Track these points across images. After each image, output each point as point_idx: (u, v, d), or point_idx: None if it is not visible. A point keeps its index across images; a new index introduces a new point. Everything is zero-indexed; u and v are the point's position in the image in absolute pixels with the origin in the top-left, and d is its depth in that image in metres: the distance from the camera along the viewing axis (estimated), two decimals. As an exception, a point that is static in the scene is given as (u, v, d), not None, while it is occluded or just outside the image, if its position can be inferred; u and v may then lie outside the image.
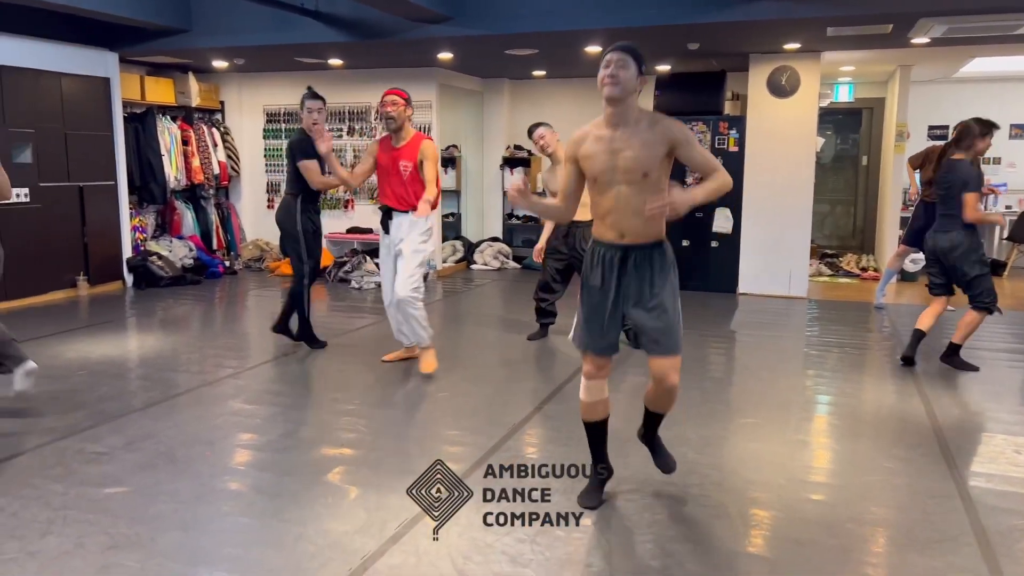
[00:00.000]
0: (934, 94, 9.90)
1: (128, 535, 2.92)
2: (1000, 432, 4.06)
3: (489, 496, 3.05)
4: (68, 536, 2.90)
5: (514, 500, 3.05)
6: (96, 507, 3.14)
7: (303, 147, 5.26)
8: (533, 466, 3.57)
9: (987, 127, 5.06)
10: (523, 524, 2.96)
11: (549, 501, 3.09)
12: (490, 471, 3.21)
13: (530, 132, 5.83)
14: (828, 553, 2.81)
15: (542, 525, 2.97)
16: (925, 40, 6.68)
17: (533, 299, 6.11)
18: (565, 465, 3.57)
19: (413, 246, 4.85)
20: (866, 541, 2.90)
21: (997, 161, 9.97)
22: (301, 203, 5.39)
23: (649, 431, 3.27)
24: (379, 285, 8.32)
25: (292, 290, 5.56)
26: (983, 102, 9.96)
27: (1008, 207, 9.71)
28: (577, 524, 3.00)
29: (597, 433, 3.18)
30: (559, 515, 3.03)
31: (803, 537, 2.93)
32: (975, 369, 5.12)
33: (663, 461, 3.29)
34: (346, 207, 9.57)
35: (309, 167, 5.26)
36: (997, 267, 9.31)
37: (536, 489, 3.09)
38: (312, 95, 5.35)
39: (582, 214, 5.25)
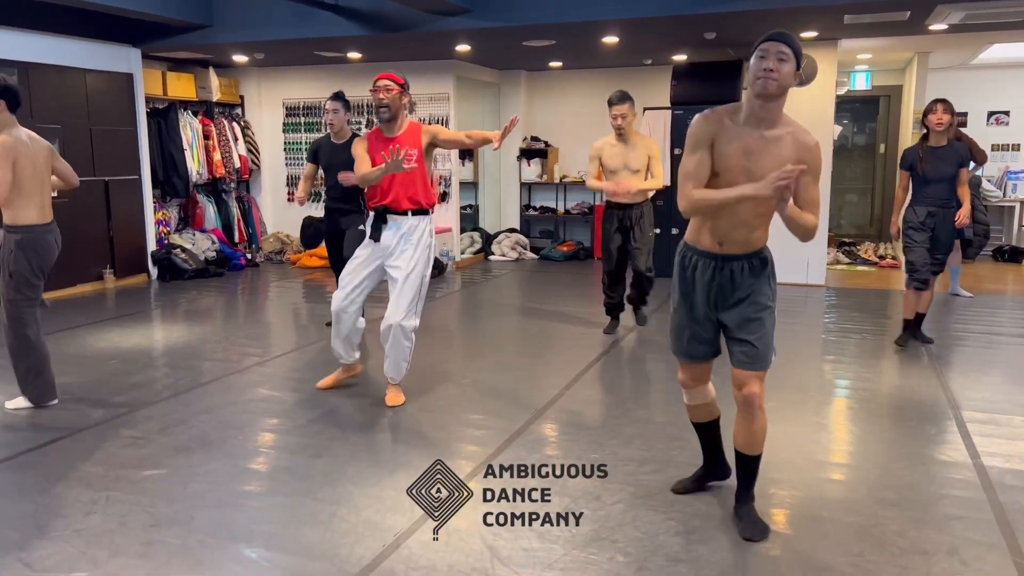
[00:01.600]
0: (953, 81, 9.85)
1: (168, 513, 3.02)
2: (1019, 413, 4.09)
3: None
4: (111, 515, 3.01)
5: (540, 480, 3.12)
6: (136, 488, 3.25)
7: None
8: (556, 447, 3.67)
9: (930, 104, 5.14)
10: (550, 503, 3.04)
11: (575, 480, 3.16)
12: (515, 453, 3.27)
13: (612, 102, 5.34)
14: (846, 529, 2.87)
15: (569, 504, 3.06)
16: (943, 27, 6.68)
17: (604, 303, 5.88)
18: (589, 446, 3.68)
19: (414, 263, 4.11)
20: (884, 518, 2.95)
21: (1016, 148, 9.94)
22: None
23: (741, 488, 2.90)
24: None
25: None
26: (1001, 89, 9.94)
27: (1027, 193, 9.68)
28: (601, 503, 3.07)
29: (704, 434, 3.10)
30: (584, 494, 3.13)
31: (822, 515, 2.99)
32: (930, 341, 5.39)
33: (748, 526, 2.84)
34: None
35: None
36: (1016, 254, 9.32)
37: (560, 469, 3.16)
38: (332, 96, 5.53)
39: (632, 196, 5.35)
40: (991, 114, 10.00)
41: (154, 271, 8.34)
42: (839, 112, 10.59)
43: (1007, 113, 9.98)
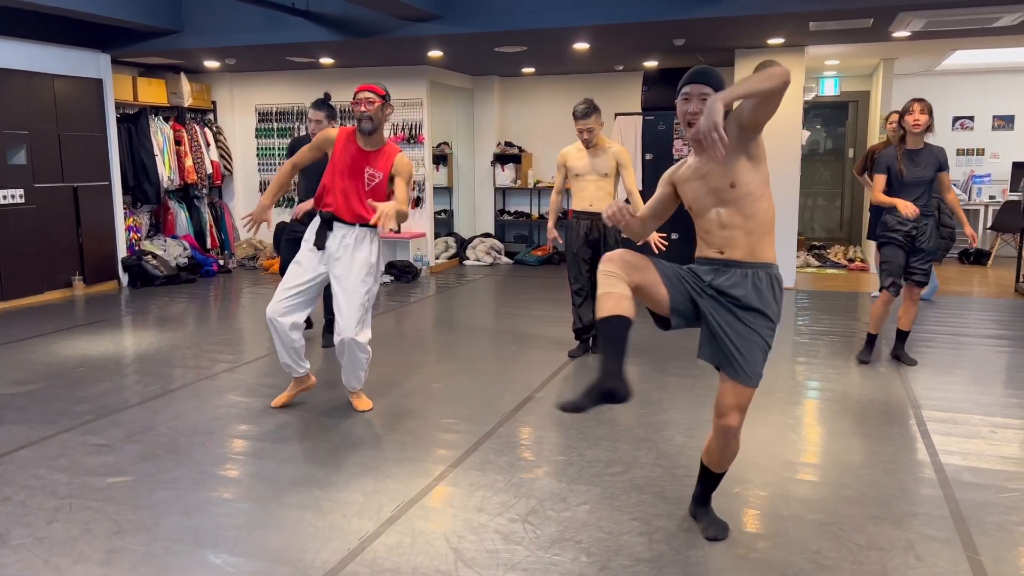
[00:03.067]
0: (917, 87, 10.03)
1: (132, 520, 3.01)
2: (977, 413, 4.19)
3: (482, 480, 3.13)
4: (74, 523, 2.99)
5: (507, 483, 3.14)
6: (100, 495, 3.23)
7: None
8: (525, 450, 3.70)
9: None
10: (516, 505, 3.07)
11: (541, 483, 3.19)
12: (484, 456, 3.30)
13: (576, 116, 5.17)
14: (807, 527, 2.92)
15: (534, 506, 3.09)
16: (906, 33, 6.81)
17: (574, 327, 5.48)
18: (556, 449, 3.71)
19: (359, 276, 4.00)
20: (844, 516, 3.01)
21: (980, 152, 10.15)
22: None
23: (702, 495, 2.93)
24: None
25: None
26: (966, 94, 10.15)
27: (991, 197, 9.87)
28: (567, 505, 3.10)
29: (610, 333, 2.44)
30: (550, 496, 3.16)
31: (783, 513, 3.04)
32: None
33: (709, 526, 2.88)
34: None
35: None
36: (981, 256, 9.50)
37: (528, 472, 3.18)
38: (315, 104, 5.44)
39: (601, 205, 5.23)
40: (956, 119, 10.20)
41: (124, 278, 8.27)
42: (810, 117, 10.78)
43: (971, 118, 10.19)
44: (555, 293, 7.82)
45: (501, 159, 10.38)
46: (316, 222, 4.12)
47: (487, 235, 10.34)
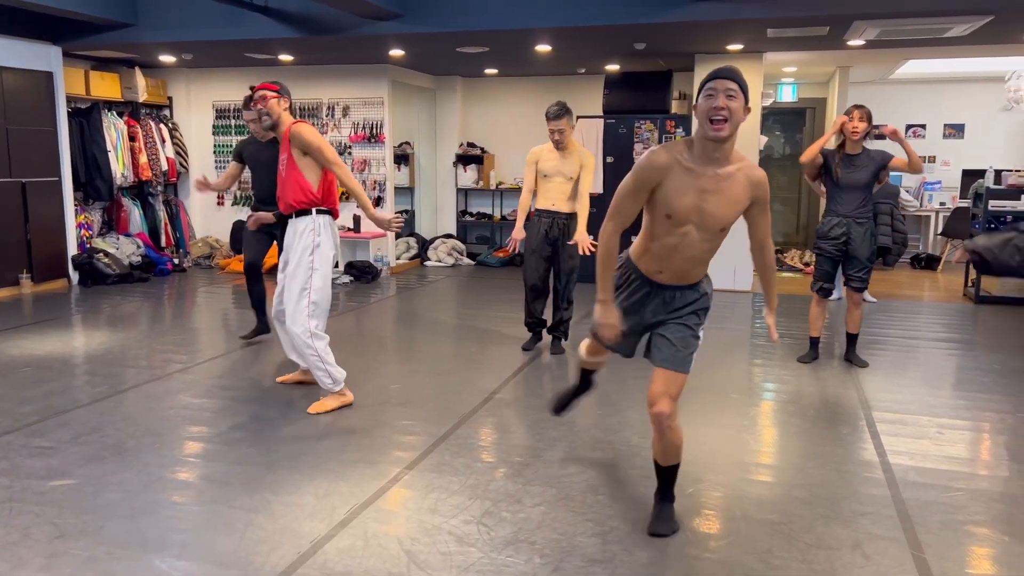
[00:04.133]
0: (872, 94, 10.26)
1: (75, 524, 2.93)
2: (925, 414, 4.28)
3: (437, 481, 3.11)
4: (14, 527, 2.90)
5: (462, 484, 3.12)
6: (42, 499, 3.14)
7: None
8: (481, 452, 3.68)
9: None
10: (470, 507, 3.06)
11: (497, 484, 3.17)
12: (440, 458, 3.28)
13: (549, 117, 5.23)
14: (759, 527, 2.95)
15: (489, 507, 3.08)
16: (860, 42, 6.95)
17: (525, 322, 5.72)
18: (513, 450, 3.70)
19: (298, 267, 4.14)
20: (794, 516, 3.04)
21: (932, 159, 10.39)
22: None
23: (659, 491, 2.98)
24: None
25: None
26: (918, 103, 10.40)
27: (942, 204, 10.12)
28: (522, 506, 3.10)
29: (586, 376, 3.37)
30: (505, 497, 3.16)
31: (736, 514, 3.07)
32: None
33: (655, 521, 2.94)
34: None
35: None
36: (932, 262, 9.73)
37: (484, 473, 3.17)
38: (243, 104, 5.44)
39: (564, 205, 5.28)
40: (908, 127, 10.44)
41: (75, 276, 8.07)
42: (769, 123, 10.94)
43: (923, 126, 10.44)
44: (516, 294, 7.81)
45: (463, 160, 10.35)
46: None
47: (449, 236, 10.31)
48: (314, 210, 4.18)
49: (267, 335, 5.86)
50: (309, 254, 4.13)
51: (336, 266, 5.96)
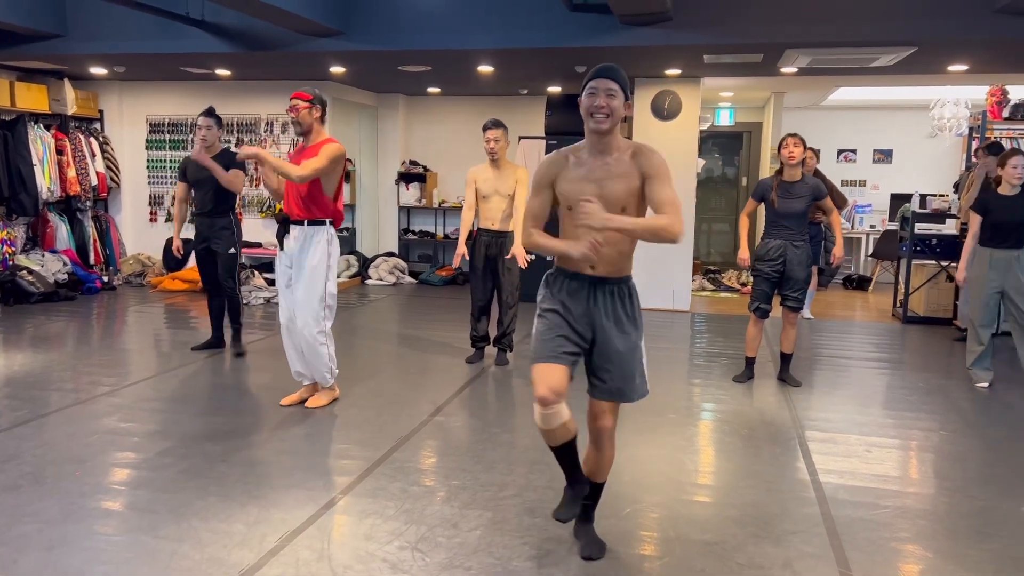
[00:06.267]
0: (806, 119, 10.58)
1: (-14, 559, 2.78)
2: (855, 433, 4.38)
3: (373, 507, 3.05)
4: (-82, 562, 2.74)
5: (398, 509, 3.07)
6: (-49, 531, 2.97)
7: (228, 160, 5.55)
8: (418, 475, 3.63)
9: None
10: (406, 532, 3.01)
11: (432, 508, 3.13)
12: (376, 482, 3.22)
13: (486, 127, 5.45)
14: (692, 547, 2.97)
15: (425, 532, 3.03)
16: (793, 69, 7.16)
17: (470, 336, 5.85)
18: (450, 473, 3.66)
19: (314, 275, 4.40)
20: (727, 535, 3.07)
21: (863, 183, 10.74)
22: (235, 218, 5.80)
23: (585, 509, 2.91)
24: (268, 300, 8.17)
25: (235, 304, 5.86)
26: (849, 128, 10.77)
27: (872, 226, 10.46)
28: (458, 530, 3.06)
29: (566, 456, 2.78)
30: (441, 522, 3.11)
31: (672, 534, 3.08)
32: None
33: (587, 545, 2.90)
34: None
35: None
36: (863, 282, 10.04)
37: (420, 498, 3.11)
38: (205, 112, 5.61)
39: (502, 224, 5.41)
40: (840, 151, 10.79)
41: (-4, 294, 7.73)
42: (708, 146, 11.19)
43: (854, 151, 10.80)
44: (459, 314, 7.77)
45: (406, 178, 10.30)
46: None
47: (391, 254, 10.22)
48: (328, 221, 4.45)
49: (219, 349, 6.00)
50: (325, 263, 4.41)
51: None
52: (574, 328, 2.71)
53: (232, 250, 5.70)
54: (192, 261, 8.97)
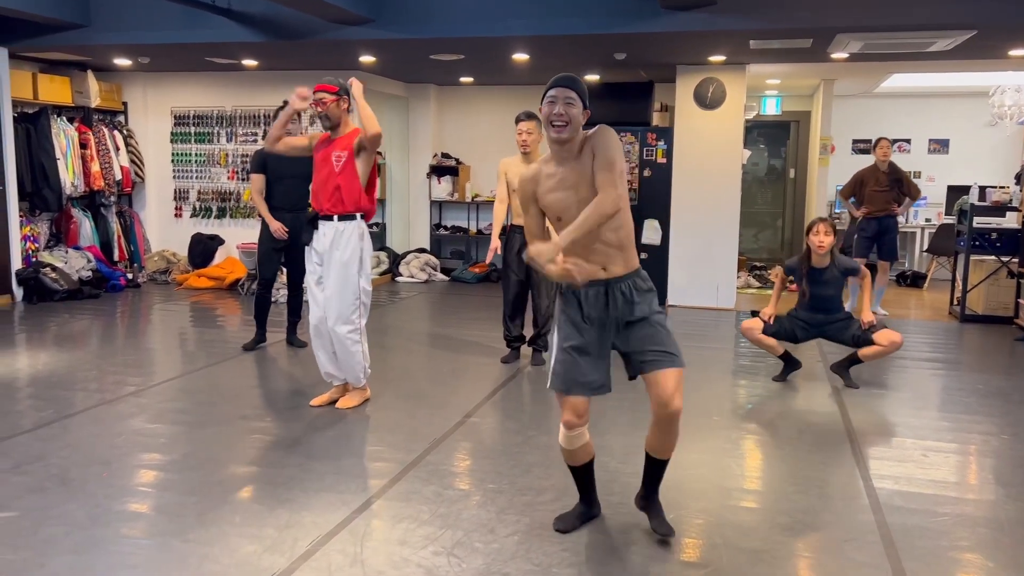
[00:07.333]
0: (857, 108, 10.20)
1: (12, 562, 2.63)
2: (910, 437, 4.12)
3: (406, 511, 2.90)
4: (-68, 572, 2.56)
5: (433, 513, 2.92)
6: (-30, 537, 2.80)
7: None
8: (453, 478, 3.42)
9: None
10: (441, 537, 2.85)
11: (469, 513, 2.92)
12: (410, 485, 3.03)
13: (519, 119, 5.27)
14: (741, 556, 2.77)
15: (461, 537, 2.85)
16: (844, 55, 6.85)
17: (504, 336, 5.62)
18: (486, 476, 3.44)
19: (346, 271, 4.23)
20: (777, 543, 2.87)
21: (917, 175, 10.27)
22: None
23: (650, 487, 2.94)
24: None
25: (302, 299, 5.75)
26: (903, 117, 10.33)
27: (928, 220, 10.02)
28: (495, 536, 2.88)
29: (583, 476, 2.97)
30: (478, 527, 2.95)
31: (719, 541, 2.88)
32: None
33: (661, 523, 2.91)
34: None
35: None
36: (918, 279, 9.63)
37: (456, 501, 2.93)
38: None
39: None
40: (893, 141, 10.34)
41: (19, 292, 7.61)
42: (753, 136, 10.83)
43: (908, 141, 10.36)
44: (493, 312, 7.53)
45: (437, 171, 10.08)
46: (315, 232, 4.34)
47: (422, 250, 10.00)
48: (358, 215, 4.26)
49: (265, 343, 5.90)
50: (357, 258, 4.24)
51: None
52: (597, 341, 2.77)
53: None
54: (218, 258, 8.93)
